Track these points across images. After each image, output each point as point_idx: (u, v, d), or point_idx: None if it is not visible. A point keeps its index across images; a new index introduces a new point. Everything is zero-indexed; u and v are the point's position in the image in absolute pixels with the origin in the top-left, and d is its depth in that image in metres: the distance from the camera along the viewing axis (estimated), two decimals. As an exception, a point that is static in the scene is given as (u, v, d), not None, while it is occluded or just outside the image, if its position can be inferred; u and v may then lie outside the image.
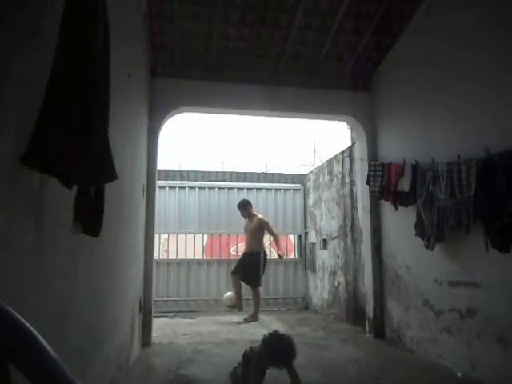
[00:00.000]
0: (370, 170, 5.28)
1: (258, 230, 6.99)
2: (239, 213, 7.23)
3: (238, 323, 6.47)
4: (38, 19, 1.53)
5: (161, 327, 6.01)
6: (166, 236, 8.65)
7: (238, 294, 6.91)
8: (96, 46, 1.59)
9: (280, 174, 9.52)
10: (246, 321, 6.54)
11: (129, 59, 3.54)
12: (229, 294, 7.11)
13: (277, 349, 2.89)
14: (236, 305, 6.90)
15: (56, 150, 1.36)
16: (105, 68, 1.75)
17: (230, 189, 8.73)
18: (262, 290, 7.20)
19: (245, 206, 7.14)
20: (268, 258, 7.24)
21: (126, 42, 3.25)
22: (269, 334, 3.04)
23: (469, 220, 3.66)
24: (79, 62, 1.48)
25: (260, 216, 7.20)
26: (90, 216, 1.99)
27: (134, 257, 4.28)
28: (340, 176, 7.16)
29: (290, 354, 2.87)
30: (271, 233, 7.15)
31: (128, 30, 3.52)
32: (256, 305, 6.78)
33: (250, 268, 6.74)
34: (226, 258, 8.49)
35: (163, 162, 8.08)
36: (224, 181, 8.91)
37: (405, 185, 4.68)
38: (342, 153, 7.12)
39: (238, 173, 9.31)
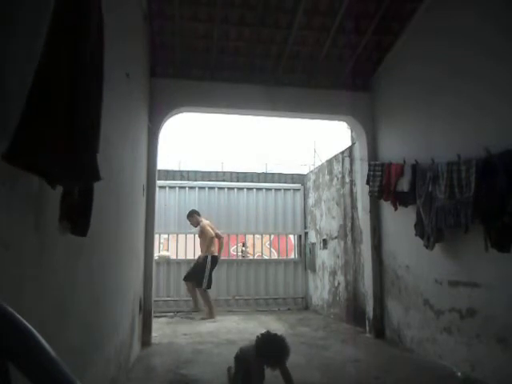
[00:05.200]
0: (369, 170, 5.28)
1: (202, 234, 7.35)
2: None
3: (202, 318, 6.88)
4: (38, 18, 1.53)
5: (161, 327, 6.02)
6: (166, 236, 8.66)
7: (194, 297, 7.33)
8: (88, 45, 1.55)
9: (280, 174, 9.53)
10: (202, 319, 6.89)
11: (128, 59, 3.54)
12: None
13: (269, 349, 2.92)
14: (195, 308, 7.35)
15: (39, 149, 1.33)
16: (97, 69, 1.70)
17: (229, 189, 8.74)
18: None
19: (191, 215, 7.44)
20: (268, 257, 7.23)
21: (125, 41, 3.25)
22: (261, 334, 3.07)
23: (468, 220, 3.65)
24: (68, 62, 1.44)
25: (202, 222, 7.38)
26: (77, 216, 1.95)
27: (134, 257, 4.28)
28: (340, 176, 7.16)
29: (283, 354, 2.90)
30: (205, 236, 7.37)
31: (127, 29, 3.52)
32: (205, 304, 7.10)
33: (197, 270, 7.15)
34: (226, 257, 8.49)
35: (163, 162, 8.09)
36: (224, 181, 8.91)
37: (404, 185, 4.67)
38: (342, 153, 7.12)
39: (238, 173, 9.31)
